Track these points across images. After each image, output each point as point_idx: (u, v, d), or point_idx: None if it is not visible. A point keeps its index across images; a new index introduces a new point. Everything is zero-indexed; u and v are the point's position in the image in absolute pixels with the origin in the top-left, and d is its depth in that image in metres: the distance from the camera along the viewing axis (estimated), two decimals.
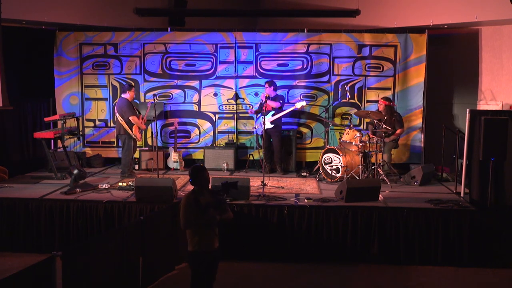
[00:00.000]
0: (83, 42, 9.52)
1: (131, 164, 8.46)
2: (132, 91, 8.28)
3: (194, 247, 4.46)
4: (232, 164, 9.19)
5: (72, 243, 6.45)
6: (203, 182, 4.56)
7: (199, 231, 4.45)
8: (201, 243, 4.45)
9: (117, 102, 8.48)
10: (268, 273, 6.16)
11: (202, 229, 4.44)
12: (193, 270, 4.52)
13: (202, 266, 4.49)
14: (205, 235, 4.46)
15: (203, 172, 4.58)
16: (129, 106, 8.17)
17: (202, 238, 4.45)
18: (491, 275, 6.13)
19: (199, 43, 9.48)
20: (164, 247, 5.91)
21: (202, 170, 4.62)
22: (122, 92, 8.43)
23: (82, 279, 4.53)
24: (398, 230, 6.40)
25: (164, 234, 5.92)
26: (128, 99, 8.22)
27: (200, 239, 4.45)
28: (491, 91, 9.15)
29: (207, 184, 4.62)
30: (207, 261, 4.49)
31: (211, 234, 4.48)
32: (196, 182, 4.55)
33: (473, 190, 6.78)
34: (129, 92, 8.24)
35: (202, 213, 4.39)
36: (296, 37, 9.41)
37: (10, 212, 6.70)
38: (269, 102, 8.66)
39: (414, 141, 9.35)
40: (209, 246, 4.47)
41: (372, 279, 6.06)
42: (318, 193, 7.34)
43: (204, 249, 4.46)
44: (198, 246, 4.45)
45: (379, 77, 9.36)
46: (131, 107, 8.19)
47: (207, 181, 4.60)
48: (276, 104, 8.71)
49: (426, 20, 9.03)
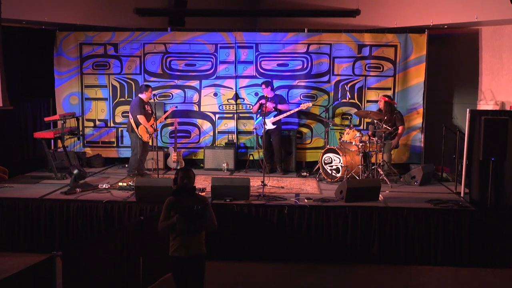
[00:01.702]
0: (83, 42, 9.52)
1: (139, 165, 8.28)
2: (149, 91, 8.19)
3: (169, 250, 4.42)
4: (232, 164, 9.19)
5: (72, 243, 6.45)
6: (181, 184, 4.41)
7: (172, 235, 4.39)
8: (172, 248, 4.39)
9: (132, 101, 8.50)
10: (268, 273, 6.16)
11: (174, 234, 4.37)
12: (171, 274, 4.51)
13: (175, 272, 4.43)
14: (176, 241, 4.37)
15: (183, 173, 4.44)
16: (141, 105, 8.12)
17: (174, 243, 4.38)
18: (491, 275, 6.13)
19: (199, 43, 9.48)
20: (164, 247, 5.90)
21: (183, 171, 4.48)
22: (139, 92, 8.40)
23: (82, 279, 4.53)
24: (398, 230, 6.40)
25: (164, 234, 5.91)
26: (144, 99, 8.17)
27: (173, 244, 4.39)
28: (491, 91, 9.15)
29: (187, 187, 4.43)
30: (179, 267, 4.39)
31: (185, 240, 4.34)
32: (176, 183, 4.47)
33: (473, 190, 6.78)
34: (145, 92, 8.17)
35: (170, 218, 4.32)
36: (296, 37, 9.41)
37: (10, 212, 6.70)
38: (280, 106, 8.73)
39: (414, 141, 9.35)
40: (181, 252, 4.35)
41: (372, 279, 6.06)
42: (318, 193, 7.34)
43: (175, 254, 4.38)
44: (171, 251, 4.40)
45: (379, 77, 9.36)
46: (142, 106, 8.13)
47: (186, 184, 4.41)
48: (285, 107, 8.76)
49: (426, 20, 9.03)
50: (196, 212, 4.27)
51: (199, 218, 4.32)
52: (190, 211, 4.27)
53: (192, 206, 4.29)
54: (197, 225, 4.35)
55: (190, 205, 4.30)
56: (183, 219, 4.28)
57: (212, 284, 5.84)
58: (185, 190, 4.42)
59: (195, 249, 4.40)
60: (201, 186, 7.37)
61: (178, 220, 4.27)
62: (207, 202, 4.45)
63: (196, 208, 4.27)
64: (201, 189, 7.18)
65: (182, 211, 4.27)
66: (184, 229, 4.30)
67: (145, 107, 8.21)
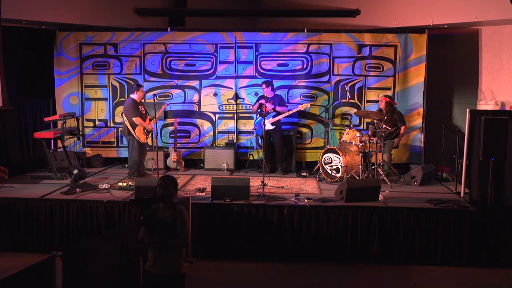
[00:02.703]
0: (83, 42, 9.51)
1: (139, 165, 8.19)
2: (140, 91, 8.06)
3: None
4: (232, 164, 9.19)
5: (72, 243, 6.45)
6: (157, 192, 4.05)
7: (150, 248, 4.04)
8: (148, 262, 4.06)
9: (124, 102, 8.39)
10: (268, 273, 6.16)
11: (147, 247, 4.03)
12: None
13: (143, 285, 4.09)
14: (150, 254, 4.04)
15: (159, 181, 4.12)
16: (134, 107, 7.97)
17: (149, 256, 4.05)
18: (491, 275, 6.13)
19: (199, 43, 9.48)
20: None
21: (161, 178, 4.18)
22: (130, 92, 8.32)
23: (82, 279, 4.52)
24: (398, 230, 6.40)
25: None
26: (136, 99, 8.03)
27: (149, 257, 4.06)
28: (491, 91, 9.14)
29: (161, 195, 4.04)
30: (149, 284, 4.05)
31: (157, 255, 3.98)
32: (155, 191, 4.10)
33: (473, 190, 6.78)
34: (136, 92, 8.03)
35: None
36: (296, 37, 9.41)
37: (10, 212, 6.70)
38: (278, 108, 8.74)
39: (414, 141, 9.35)
40: (153, 268, 4.01)
41: (372, 279, 6.06)
42: (318, 193, 7.34)
43: (148, 268, 4.06)
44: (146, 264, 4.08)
45: (379, 77, 9.36)
46: (136, 108, 7.98)
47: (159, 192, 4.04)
48: (283, 109, 8.76)
49: (426, 20, 9.03)
50: (145, 201, 3.92)
51: (166, 230, 3.90)
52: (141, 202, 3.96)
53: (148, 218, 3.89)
54: (166, 239, 3.93)
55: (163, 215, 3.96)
56: (147, 230, 3.94)
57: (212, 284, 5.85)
58: (160, 199, 4.05)
59: (170, 268, 4.00)
60: (201, 186, 7.36)
61: (144, 230, 3.96)
62: (180, 215, 4.02)
63: (144, 198, 3.94)
64: (201, 189, 7.18)
65: (146, 221, 3.92)
66: (151, 241, 3.96)
67: (139, 108, 8.06)
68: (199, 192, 7.12)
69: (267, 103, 8.60)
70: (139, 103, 8.11)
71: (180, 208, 4.13)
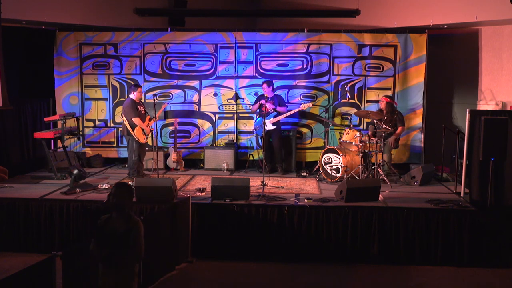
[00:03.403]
0: (83, 42, 9.51)
1: (138, 165, 8.16)
2: (138, 91, 8.02)
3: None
4: (232, 164, 9.19)
5: (72, 243, 6.44)
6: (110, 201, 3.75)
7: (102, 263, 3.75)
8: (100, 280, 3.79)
9: (123, 102, 8.36)
10: (268, 273, 6.16)
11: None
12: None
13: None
14: (101, 270, 3.78)
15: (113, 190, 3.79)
16: (133, 107, 7.95)
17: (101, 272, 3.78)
18: (491, 275, 6.13)
19: (199, 43, 9.48)
20: (164, 247, 5.91)
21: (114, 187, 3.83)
22: (129, 93, 8.32)
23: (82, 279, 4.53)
24: (398, 230, 6.40)
25: (164, 234, 5.92)
26: (135, 99, 8.01)
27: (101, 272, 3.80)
28: (491, 91, 9.14)
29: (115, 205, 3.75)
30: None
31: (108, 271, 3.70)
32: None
33: (473, 190, 6.78)
34: (134, 92, 8.01)
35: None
36: (296, 37, 9.41)
37: (10, 212, 6.70)
38: (279, 108, 8.74)
39: (414, 141, 9.35)
40: (105, 285, 3.75)
41: (372, 279, 6.06)
42: (318, 193, 7.34)
43: (101, 285, 3.81)
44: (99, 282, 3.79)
45: (379, 77, 9.36)
46: (135, 108, 7.96)
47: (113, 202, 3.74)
48: (283, 109, 8.75)
49: (426, 20, 9.03)
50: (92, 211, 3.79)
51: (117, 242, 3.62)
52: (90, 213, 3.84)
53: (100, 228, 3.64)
54: (116, 252, 3.65)
55: (114, 226, 3.69)
56: (97, 242, 3.68)
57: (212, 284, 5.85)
58: (111, 208, 3.79)
59: (123, 285, 3.74)
60: (201, 186, 7.36)
61: (94, 244, 3.71)
62: (135, 227, 3.74)
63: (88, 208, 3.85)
64: (201, 189, 7.18)
65: (95, 232, 3.69)
66: (100, 255, 3.70)
67: (138, 108, 8.03)
68: (199, 192, 7.12)
69: (267, 103, 8.61)
70: (138, 103, 8.10)
71: (135, 219, 3.85)
